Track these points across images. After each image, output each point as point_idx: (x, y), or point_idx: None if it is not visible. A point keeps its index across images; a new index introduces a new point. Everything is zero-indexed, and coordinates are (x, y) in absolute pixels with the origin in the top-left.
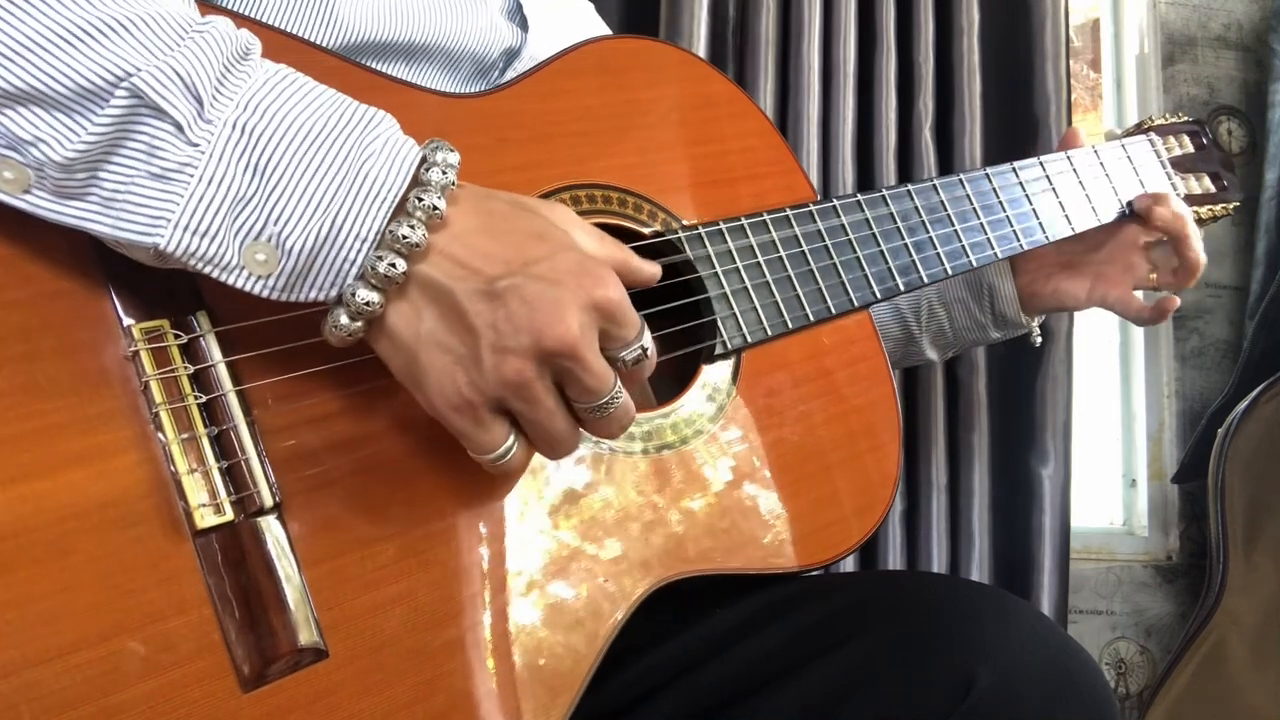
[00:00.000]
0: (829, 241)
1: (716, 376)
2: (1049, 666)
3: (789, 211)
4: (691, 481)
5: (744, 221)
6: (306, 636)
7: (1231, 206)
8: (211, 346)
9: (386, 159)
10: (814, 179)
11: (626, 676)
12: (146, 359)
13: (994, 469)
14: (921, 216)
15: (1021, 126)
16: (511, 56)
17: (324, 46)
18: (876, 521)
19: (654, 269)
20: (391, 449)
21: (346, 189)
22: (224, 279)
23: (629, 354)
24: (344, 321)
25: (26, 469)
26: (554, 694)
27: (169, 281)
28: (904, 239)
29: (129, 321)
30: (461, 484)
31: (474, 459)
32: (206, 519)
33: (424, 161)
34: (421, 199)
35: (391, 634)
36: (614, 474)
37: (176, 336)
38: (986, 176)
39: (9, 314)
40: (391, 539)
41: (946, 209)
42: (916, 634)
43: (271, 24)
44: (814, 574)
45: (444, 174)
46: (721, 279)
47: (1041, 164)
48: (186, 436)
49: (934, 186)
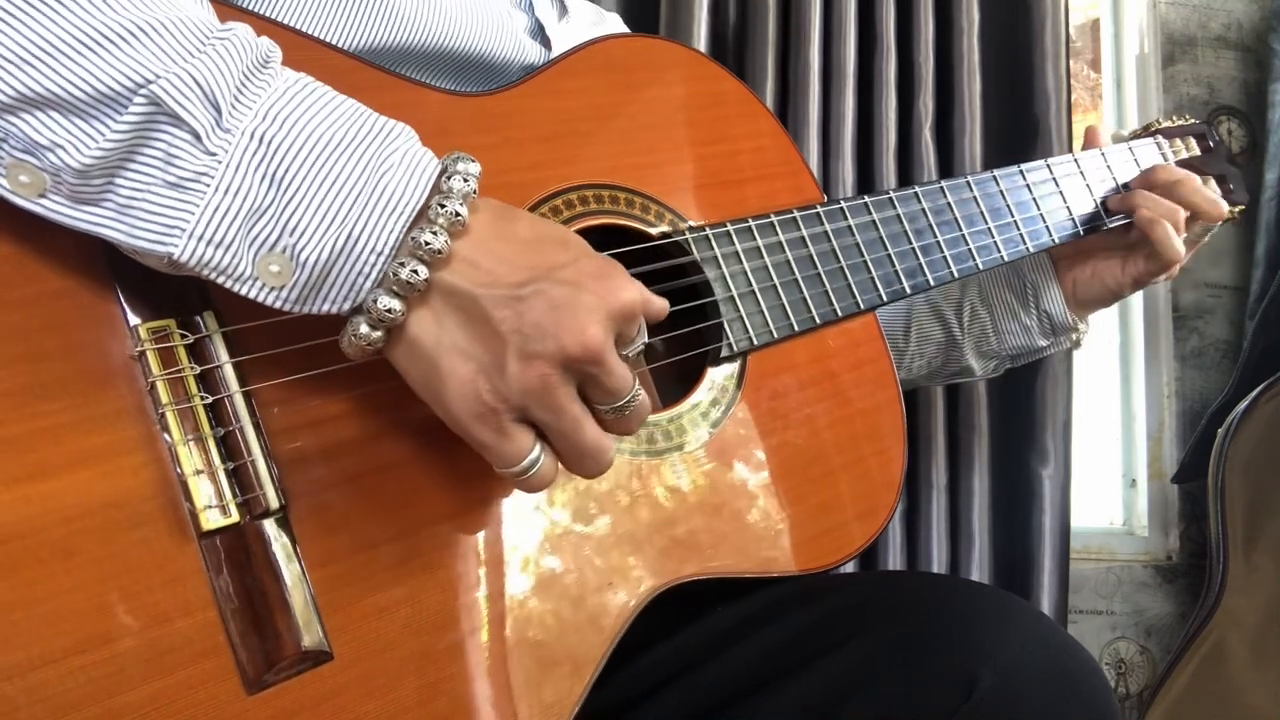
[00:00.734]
0: (835, 244)
1: (722, 379)
2: (1050, 667)
3: (796, 214)
4: (696, 484)
5: (751, 223)
6: (311, 639)
7: (1238, 209)
8: (218, 347)
9: (405, 171)
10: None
11: (627, 676)
12: (153, 359)
13: (994, 469)
14: (928, 219)
15: (1021, 126)
16: (530, 73)
17: (340, 47)
18: (880, 526)
19: (663, 302)
20: (398, 451)
21: (364, 202)
22: (237, 289)
23: (631, 350)
24: (364, 330)
25: (32, 469)
26: (558, 697)
27: (176, 282)
28: (911, 242)
29: (135, 321)
30: (468, 487)
31: (501, 474)
32: (212, 520)
33: (444, 171)
34: (444, 205)
35: (396, 637)
36: (618, 476)
37: (183, 336)
38: (993, 179)
39: (15, 313)
40: (397, 542)
41: (953, 211)
42: (917, 634)
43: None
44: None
45: (465, 182)
46: (728, 281)
47: (1048, 166)
48: (192, 437)
49: (941, 189)
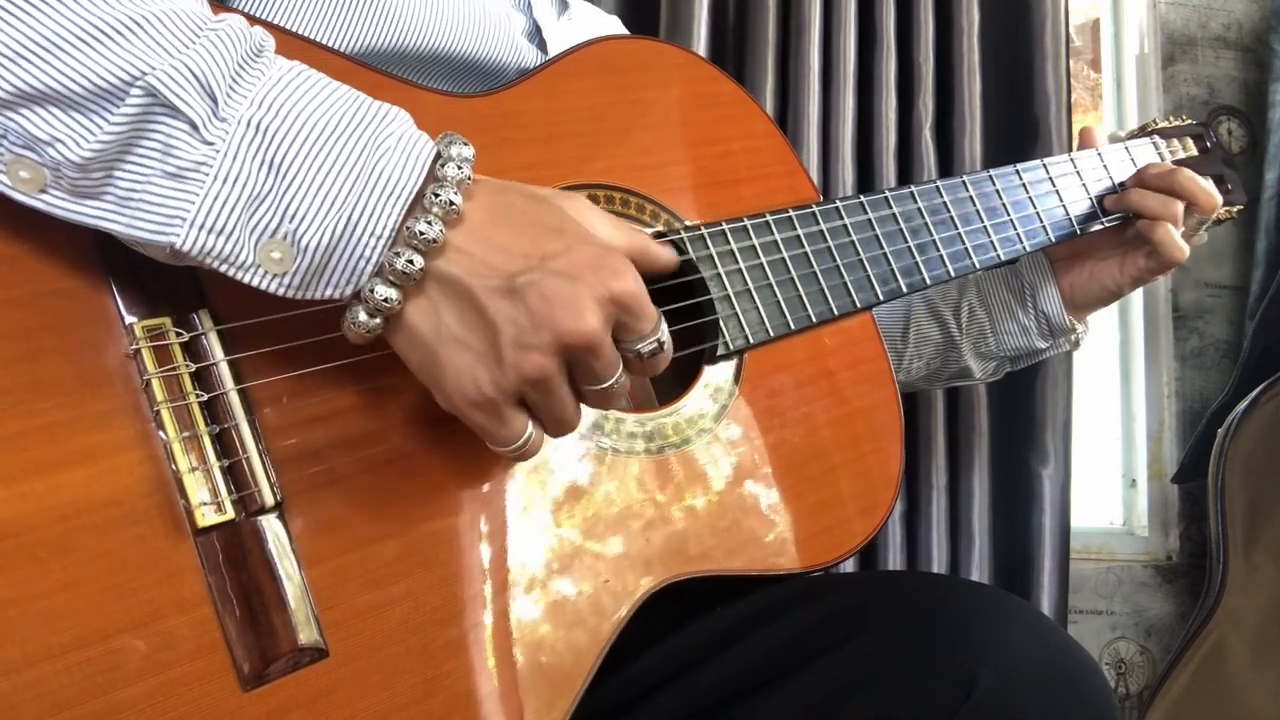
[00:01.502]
0: (831, 242)
1: (719, 377)
2: (1050, 667)
3: (792, 213)
4: (694, 482)
5: (747, 222)
6: (307, 636)
7: (1236, 210)
8: (213, 344)
9: (401, 155)
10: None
11: (627, 675)
12: (148, 357)
13: (994, 469)
14: (924, 218)
15: (1021, 126)
16: (526, 74)
17: (336, 49)
18: (878, 523)
19: (671, 254)
20: (393, 448)
21: (362, 186)
22: (239, 277)
23: (645, 347)
24: (362, 318)
25: (28, 467)
26: (555, 694)
27: (171, 279)
28: (907, 240)
29: (131, 319)
30: (463, 484)
31: (491, 449)
32: (207, 517)
33: (439, 157)
34: (438, 195)
35: (392, 634)
36: (617, 474)
37: (178, 334)
38: (990, 178)
39: (11, 312)
40: (392, 539)
41: (949, 210)
42: (917, 634)
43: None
44: (814, 574)
45: (459, 169)
46: (724, 279)
47: (1045, 166)
48: (188, 435)
49: (937, 188)
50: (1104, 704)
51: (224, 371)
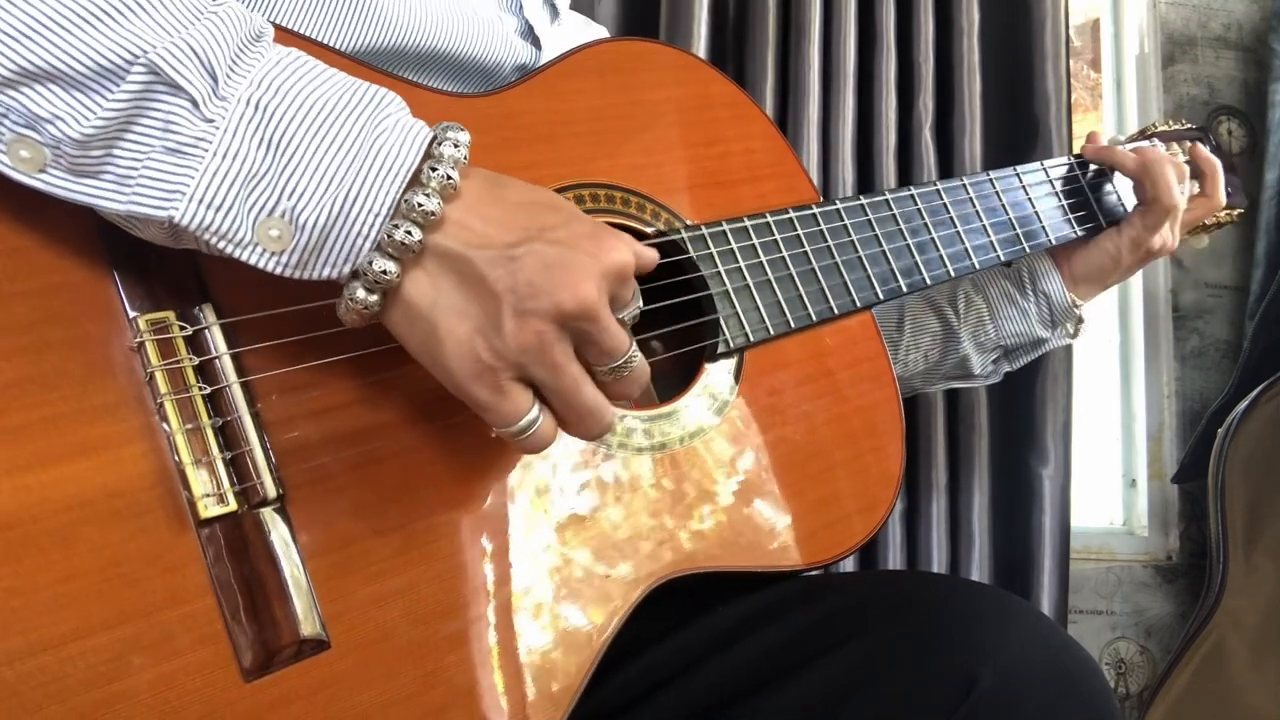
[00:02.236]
0: (831, 242)
1: (719, 375)
2: (1050, 667)
3: (792, 214)
4: (693, 479)
5: (747, 222)
6: (309, 628)
7: (1236, 213)
8: (216, 338)
9: (399, 136)
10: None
11: (627, 675)
12: (152, 350)
13: (994, 469)
14: (924, 218)
15: (1021, 126)
16: (525, 72)
17: (335, 48)
18: (879, 521)
19: (653, 253)
20: (396, 442)
21: (360, 164)
22: (238, 255)
23: (627, 313)
24: (360, 295)
25: (32, 458)
26: (555, 688)
27: (175, 273)
28: (906, 240)
29: (134, 313)
30: (466, 478)
31: (500, 435)
32: (210, 509)
33: (436, 139)
34: (436, 169)
35: (393, 626)
36: (617, 470)
37: (182, 328)
38: (989, 180)
39: (16, 305)
40: (395, 532)
41: (949, 211)
42: (917, 634)
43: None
44: (814, 574)
45: (456, 149)
46: (724, 277)
47: (1044, 168)
48: (191, 427)
49: (937, 190)
50: (1104, 704)
51: (227, 365)
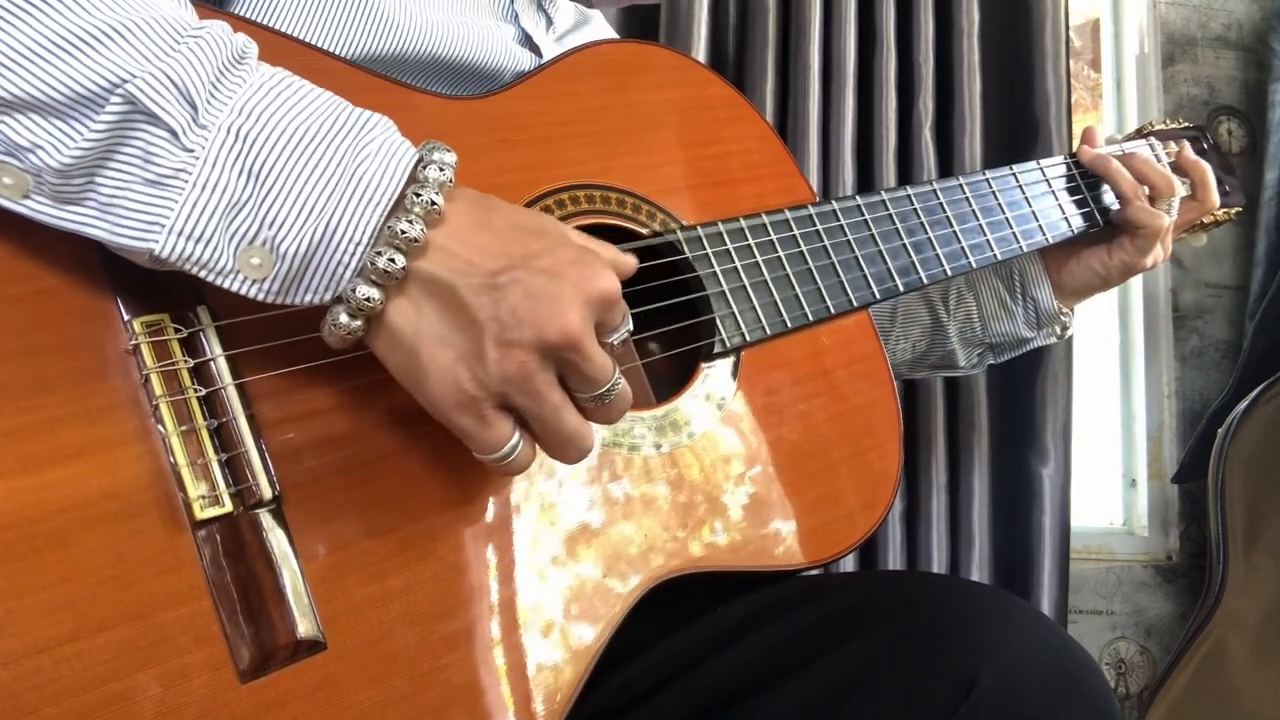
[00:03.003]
0: (827, 242)
1: (716, 375)
2: (1050, 667)
3: (788, 214)
4: (691, 479)
5: (743, 223)
6: (305, 628)
7: (1234, 211)
8: (211, 340)
9: (381, 162)
10: (814, 179)
11: (627, 675)
12: (147, 352)
13: (994, 469)
14: (920, 218)
15: (1021, 126)
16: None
17: (328, 50)
18: (877, 520)
19: (631, 259)
20: (392, 443)
21: (341, 193)
22: (219, 283)
23: (615, 337)
24: (343, 320)
25: (28, 461)
26: (554, 687)
27: (170, 277)
28: (903, 240)
29: (129, 316)
30: (462, 478)
31: (479, 459)
32: (205, 510)
33: (420, 161)
34: (419, 195)
35: (390, 627)
36: (614, 470)
37: (177, 330)
38: (985, 180)
39: (12, 309)
40: (391, 533)
41: (945, 211)
42: (917, 634)
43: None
44: (814, 574)
45: (441, 171)
46: (720, 278)
47: (1040, 167)
48: (186, 429)
49: (934, 190)
50: (1104, 704)
51: (222, 366)
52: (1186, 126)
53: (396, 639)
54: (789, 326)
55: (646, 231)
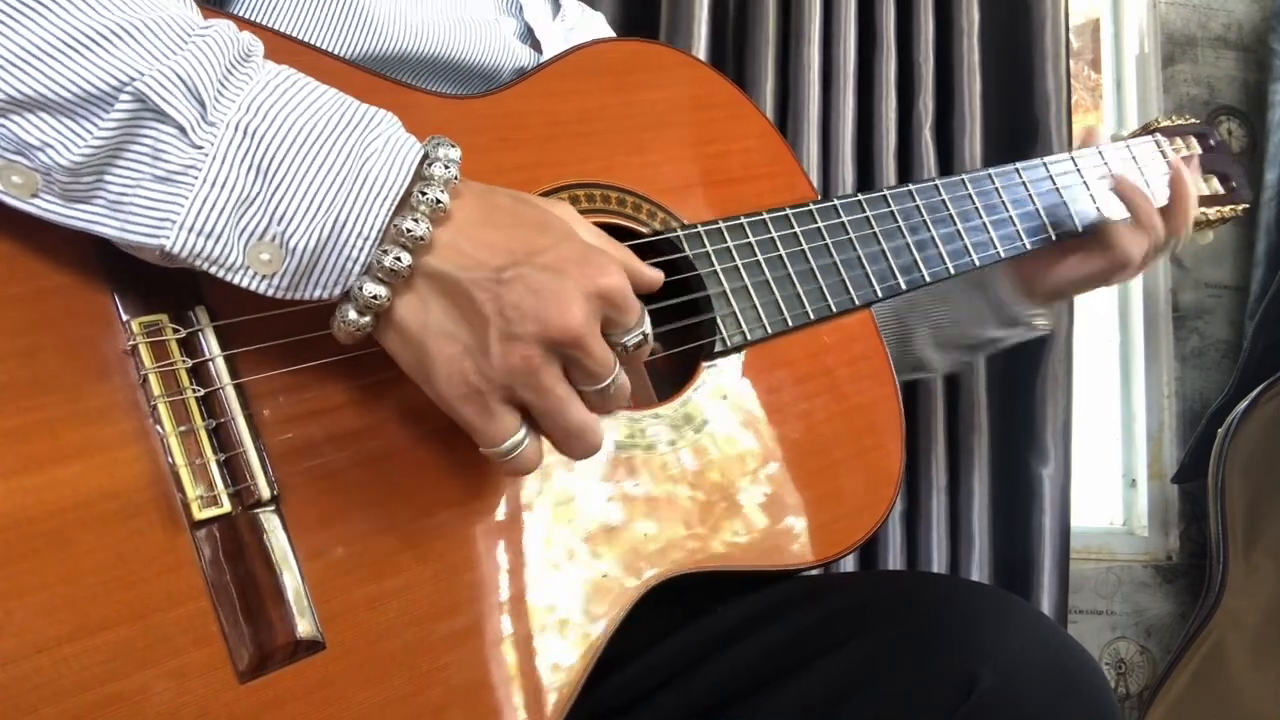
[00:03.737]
0: (829, 240)
1: (716, 374)
2: (1050, 667)
3: (789, 211)
4: (691, 477)
5: (743, 221)
6: (304, 628)
7: (1241, 208)
8: (209, 340)
9: (388, 157)
10: (814, 179)
11: (627, 675)
12: (145, 353)
13: (994, 469)
14: (923, 216)
15: (1021, 126)
16: (522, 75)
17: (329, 51)
18: (879, 519)
19: (656, 274)
20: (390, 443)
21: (349, 188)
22: (229, 279)
23: (630, 339)
24: (352, 317)
25: (27, 461)
26: (554, 687)
27: (168, 277)
28: (906, 238)
29: (128, 316)
30: (461, 477)
31: (486, 455)
32: (204, 511)
33: (426, 158)
34: (425, 193)
35: (389, 627)
36: (614, 469)
37: (175, 330)
38: (989, 177)
39: (10, 309)
40: (390, 533)
41: (949, 208)
42: (917, 634)
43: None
44: (814, 574)
45: (446, 169)
46: (721, 277)
47: (1045, 165)
48: (184, 429)
49: (936, 186)
50: (1104, 704)
51: (220, 367)
52: (1193, 122)
53: (395, 639)
54: (790, 325)
55: (647, 230)
